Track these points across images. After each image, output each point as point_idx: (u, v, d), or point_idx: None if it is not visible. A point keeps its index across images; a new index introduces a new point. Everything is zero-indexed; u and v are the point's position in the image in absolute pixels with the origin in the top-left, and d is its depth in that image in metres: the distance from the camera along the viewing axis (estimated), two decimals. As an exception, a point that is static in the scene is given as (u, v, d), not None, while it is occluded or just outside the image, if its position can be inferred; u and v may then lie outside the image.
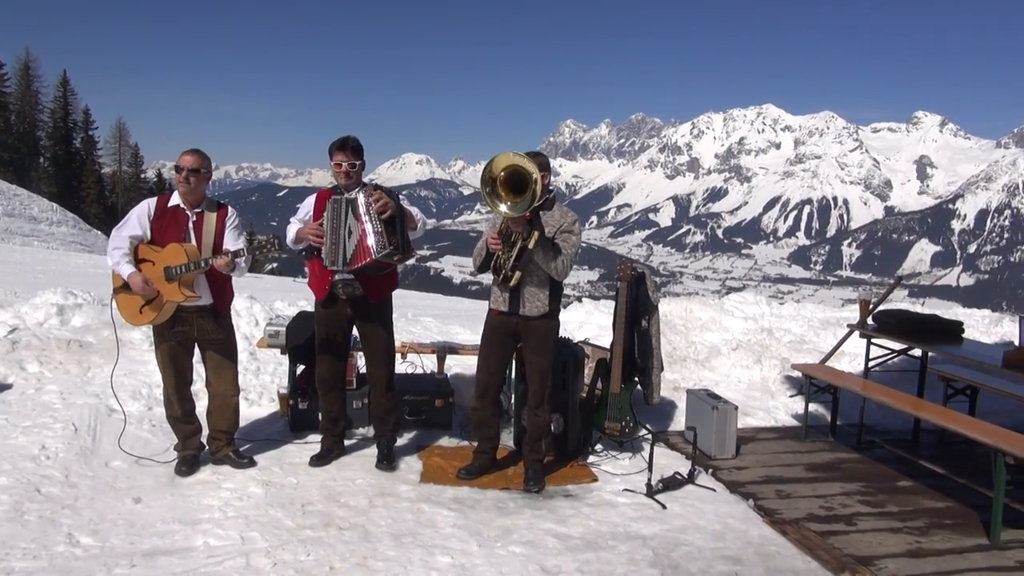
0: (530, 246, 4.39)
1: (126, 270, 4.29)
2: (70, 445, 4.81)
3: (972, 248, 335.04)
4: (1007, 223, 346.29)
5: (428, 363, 6.61)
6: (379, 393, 4.93)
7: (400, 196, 4.69)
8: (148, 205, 4.48)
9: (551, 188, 4.64)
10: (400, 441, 5.48)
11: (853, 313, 9.70)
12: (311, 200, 4.75)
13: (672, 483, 4.84)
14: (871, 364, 6.52)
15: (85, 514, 3.95)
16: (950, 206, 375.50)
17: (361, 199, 4.44)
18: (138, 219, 4.40)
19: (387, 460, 4.90)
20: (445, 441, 5.56)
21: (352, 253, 4.46)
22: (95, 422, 5.20)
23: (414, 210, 4.70)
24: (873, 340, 6.44)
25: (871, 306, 6.59)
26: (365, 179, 4.69)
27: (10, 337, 6.52)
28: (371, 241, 4.40)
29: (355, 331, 4.92)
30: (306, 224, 4.61)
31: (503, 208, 4.21)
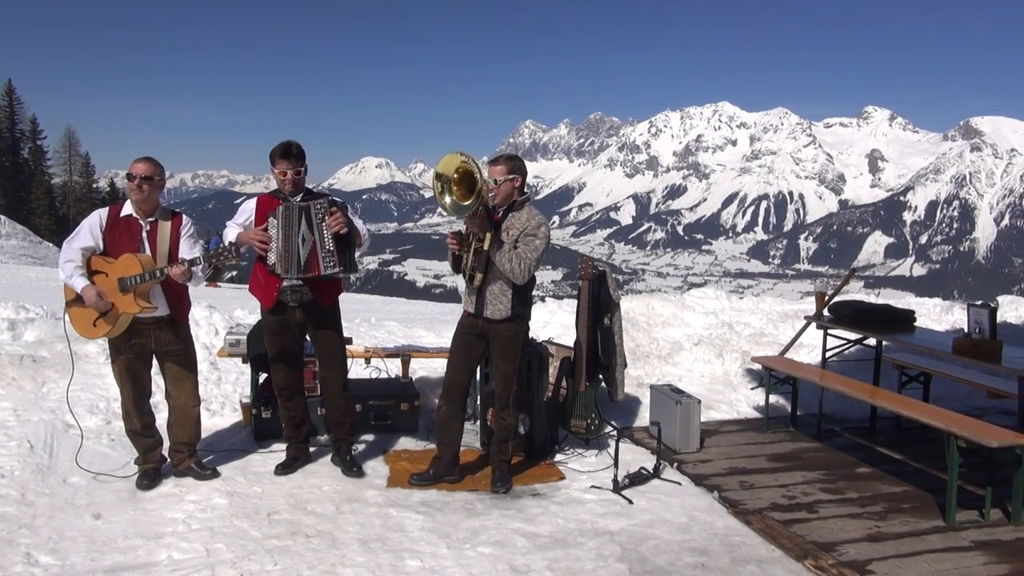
0: (485, 247, 4.41)
1: (79, 283, 4.20)
2: (26, 463, 4.68)
3: (924, 239, 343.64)
4: (956, 213, 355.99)
5: (392, 367, 6.58)
6: (335, 395, 4.86)
7: (356, 206, 4.66)
8: (100, 216, 4.39)
9: (526, 191, 4.67)
10: (366, 446, 5.46)
11: (811, 305, 9.90)
12: (251, 205, 4.63)
13: (638, 478, 4.89)
14: (828, 355, 6.67)
15: (44, 532, 3.86)
16: (901, 198, 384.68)
17: (315, 211, 4.38)
18: (89, 230, 4.31)
19: (355, 467, 4.86)
20: (412, 444, 5.54)
21: (306, 260, 4.41)
22: (51, 438, 5.07)
23: (359, 223, 4.64)
24: (829, 331, 6.59)
25: (827, 298, 6.74)
26: (324, 184, 4.65)
27: (-41, 354, 6.33)
28: (320, 258, 4.38)
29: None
30: (248, 230, 4.52)
31: (447, 200, 4.27)
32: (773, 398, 6.39)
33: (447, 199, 4.30)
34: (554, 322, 8.73)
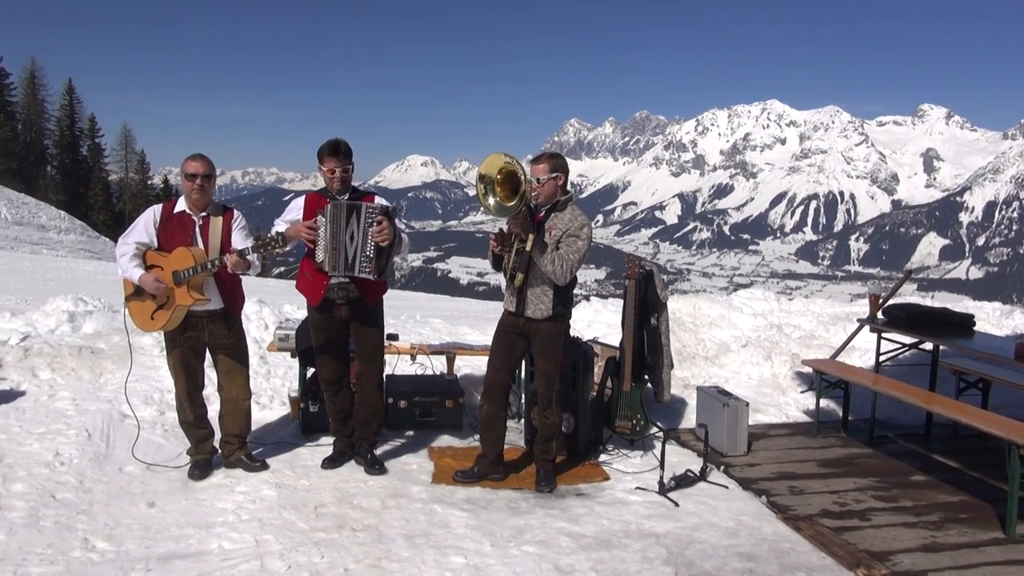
0: (527, 248, 4.40)
1: (136, 274, 4.31)
2: (84, 451, 4.83)
3: (981, 240, 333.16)
4: (1015, 215, 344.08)
5: (438, 364, 6.62)
6: (369, 392, 4.89)
7: (401, 203, 4.68)
8: (154, 212, 4.49)
9: (569, 189, 4.64)
10: (411, 441, 5.50)
11: (862, 308, 9.66)
12: (299, 203, 4.69)
13: (684, 481, 4.84)
14: (882, 359, 6.50)
15: (100, 519, 3.97)
16: (958, 199, 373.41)
17: (366, 213, 4.42)
18: (144, 226, 4.42)
19: (377, 464, 4.87)
20: (456, 441, 5.56)
21: (352, 258, 4.45)
22: (108, 428, 5.22)
23: (404, 236, 4.68)
24: (884, 335, 6.42)
25: (881, 300, 6.57)
26: (371, 182, 4.68)
27: (22, 344, 6.56)
28: (358, 260, 4.43)
29: None
30: (294, 224, 4.55)
31: (491, 201, 4.27)
32: (824, 402, 6.26)
33: (491, 200, 4.29)
34: (599, 321, 8.68)
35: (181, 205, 4.47)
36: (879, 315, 6.46)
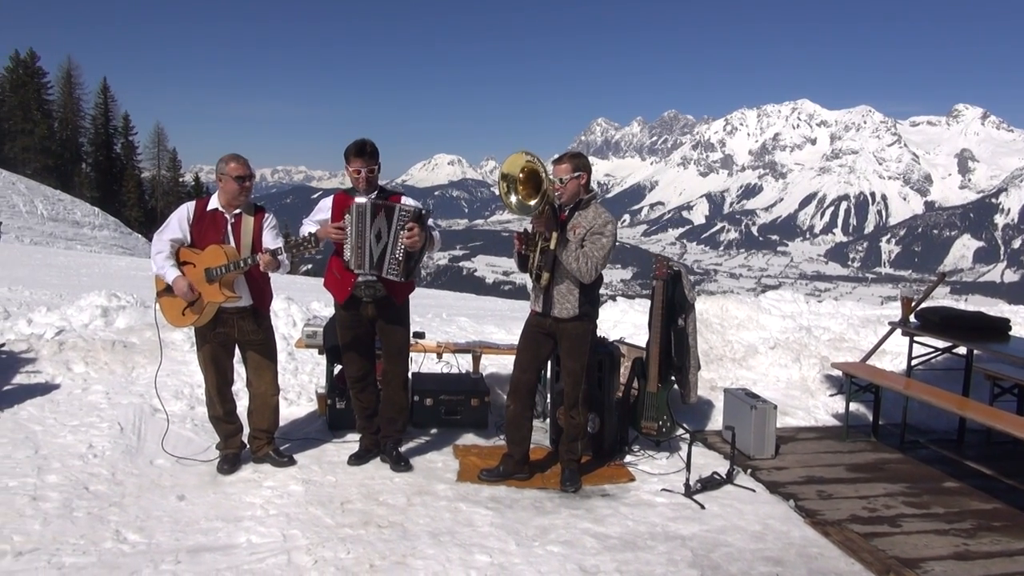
0: (551, 247, 4.39)
1: (171, 274, 4.37)
2: (116, 444, 4.91)
3: (1017, 243, 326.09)
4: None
5: (463, 363, 6.63)
6: (395, 390, 4.91)
7: (428, 202, 4.71)
8: (187, 209, 4.55)
9: (592, 188, 4.63)
10: (436, 439, 5.52)
11: (894, 311, 9.51)
12: (328, 202, 4.71)
13: (710, 483, 4.80)
14: (914, 363, 6.39)
15: (132, 511, 4.03)
16: (993, 200, 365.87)
17: (399, 215, 4.45)
18: (178, 223, 4.48)
19: (403, 461, 4.90)
20: (481, 440, 5.57)
21: (379, 257, 4.48)
22: (140, 421, 5.31)
23: (435, 234, 4.70)
24: (916, 338, 6.31)
25: (914, 303, 6.45)
26: (397, 181, 4.71)
27: (57, 338, 6.70)
28: (387, 261, 4.47)
29: None
30: (324, 225, 4.58)
31: (513, 200, 4.28)
32: (854, 406, 6.17)
33: (512, 199, 4.31)
34: (625, 321, 8.64)
35: (214, 203, 4.53)
36: (912, 318, 6.35)
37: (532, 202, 4.24)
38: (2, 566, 3.39)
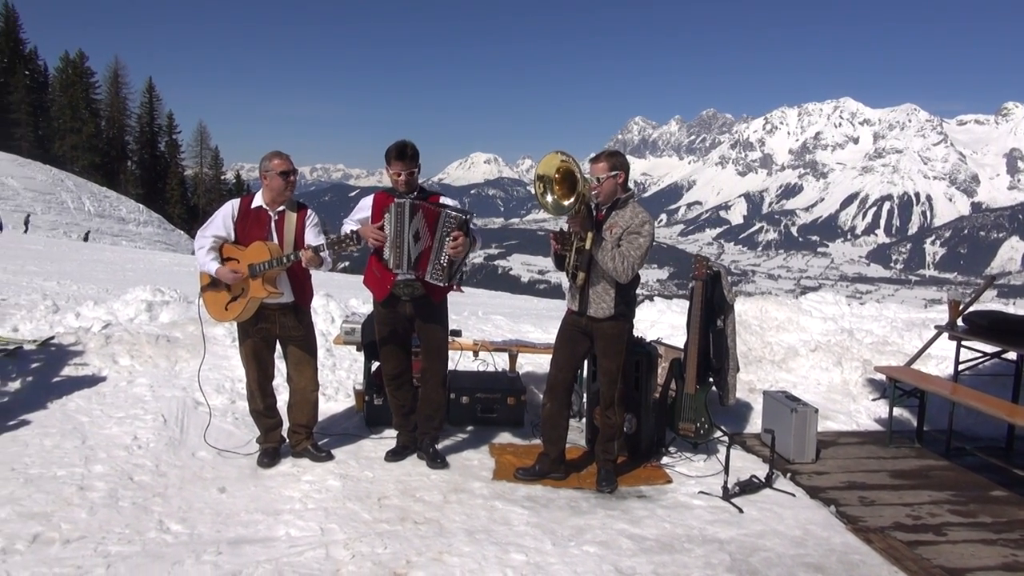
0: (587, 246, 4.37)
1: (213, 267, 4.45)
2: (160, 436, 5.01)
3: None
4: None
5: (500, 361, 6.63)
6: (432, 387, 4.92)
7: (464, 200, 4.73)
8: (232, 206, 4.62)
9: (630, 187, 4.60)
10: (472, 437, 5.53)
11: (939, 314, 9.29)
12: (368, 202, 4.74)
13: (749, 486, 4.73)
14: (961, 367, 6.23)
15: (174, 502, 4.11)
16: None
17: (444, 221, 4.48)
18: (222, 220, 4.55)
19: (439, 458, 4.91)
20: (517, 439, 5.57)
21: (417, 257, 4.52)
22: (182, 414, 5.40)
23: (477, 236, 4.73)
24: (963, 342, 6.16)
25: (962, 307, 6.30)
26: (434, 179, 4.73)
27: (104, 332, 6.85)
28: (431, 264, 4.52)
29: None
30: (365, 226, 4.64)
31: (548, 200, 4.27)
32: (897, 411, 6.04)
33: (548, 199, 4.28)
34: (662, 322, 8.58)
35: (258, 200, 4.59)
36: (959, 322, 6.20)
37: (567, 202, 4.23)
38: (51, 553, 3.47)
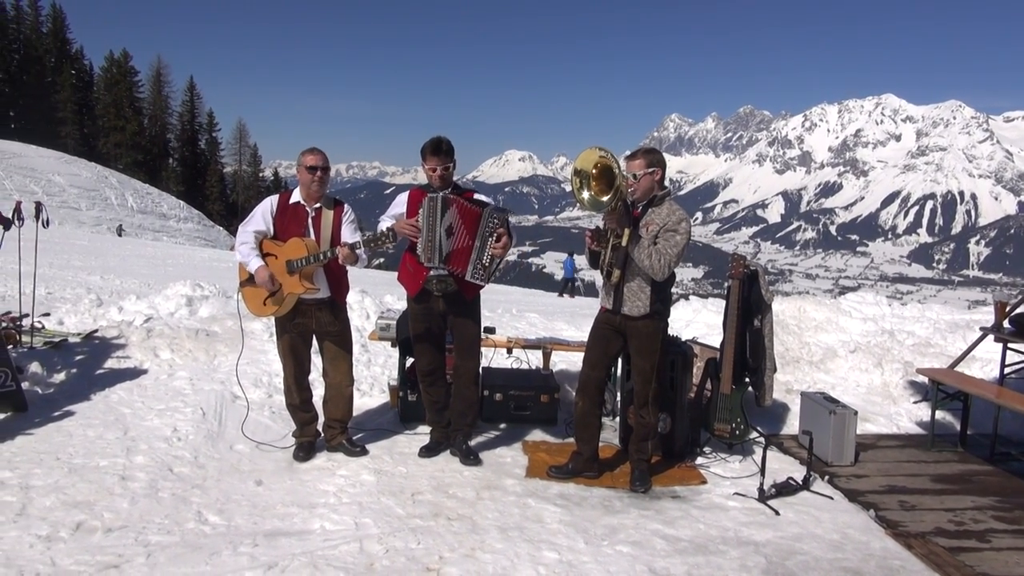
0: (623, 243, 4.33)
1: (255, 264, 4.51)
2: (199, 428, 5.10)
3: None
4: None
5: (533, 359, 6.63)
6: (465, 384, 4.93)
7: (498, 198, 4.73)
8: (271, 202, 4.68)
9: (666, 185, 4.55)
10: (505, 434, 5.53)
11: (983, 315, 9.07)
12: (403, 198, 4.77)
13: (786, 489, 4.66)
14: (1007, 370, 6.07)
15: (213, 494, 4.17)
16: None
17: (487, 221, 4.49)
18: (262, 216, 4.61)
19: (472, 455, 4.92)
20: (550, 437, 5.55)
21: (449, 252, 4.52)
22: (221, 407, 5.49)
23: (513, 236, 4.72)
24: (1010, 345, 5.99)
25: (1008, 308, 6.13)
26: (468, 177, 4.74)
27: (146, 326, 7.00)
28: (471, 263, 4.51)
29: None
30: (400, 220, 4.65)
31: (585, 196, 4.23)
32: (940, 415, 5.90)
33: (585, 195, 4.25)
34: (698, 321, 8.50)
35: (296, 196, 4.64)
36: (1006, 324, 6.03)
37: (605, 198, 4.19)
38: (93, 541, 3.55)
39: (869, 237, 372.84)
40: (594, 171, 4.22)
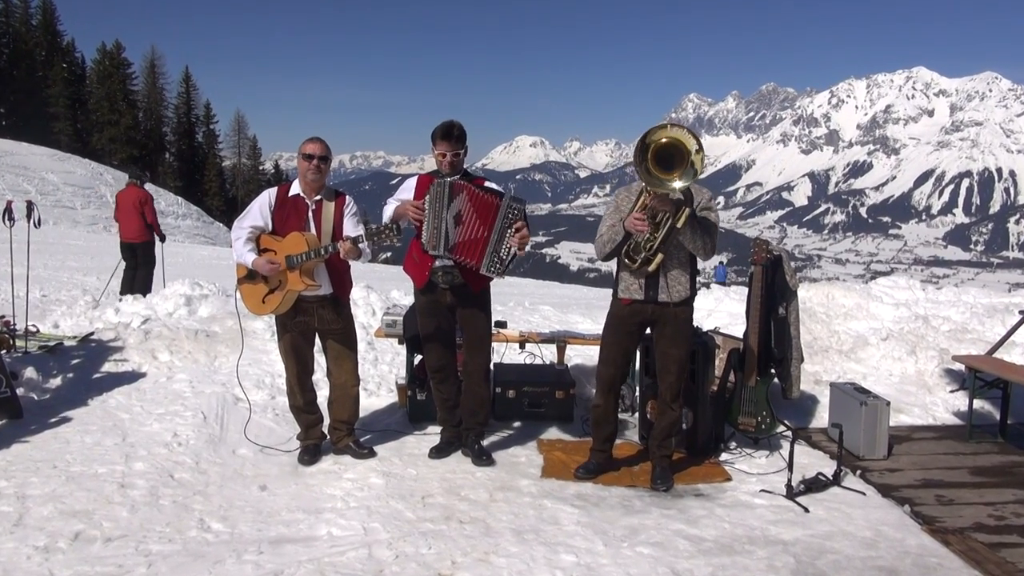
0: (679, 225, 4.13)
1: (249, 258, 4.38)
2: (200, 433, 5.00)
3: None
4: None
5: (547, 353, 6.45)
6: (476, 382, 4.79)
7: (509, 186, 4.55)
8: (269, 195, 4.55)
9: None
10: (519, 433, 5.39)
11: None
12: (411, 183, 4.65)
13: (815, 484, 4.48)
14: (1049, 355, 5.80)
15: (215, 500, 4.07)
16: None
17: (505, 212, 4.32)
18: (259, 209, 4.48)
19: (485, 455, 4.79)
20: (566, 435, 5.39)
21: (457, 242, 4.37)
22: (222, 410, 5.39)
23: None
24: (1052, 328, 5.73)
25: (1049, 289, 5.84)
26: (478, 164, 4.57)
27: (143, 327, 6.90)
28: (487, 256, 4.34)
29: None
30: (404, 203, 4.51)
31: (676, 184, 3.98)
32: (978, 404, 5.69)
33: (676, 183, 3.99)
34: (720, 310, 8.28)
35: (295, 188, 4.52)
36: (1047, 306, 5.76)
37: (678, 183, 3.97)
38: (92, 551, 3.46)
39: (902, 219, 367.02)
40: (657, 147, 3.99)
